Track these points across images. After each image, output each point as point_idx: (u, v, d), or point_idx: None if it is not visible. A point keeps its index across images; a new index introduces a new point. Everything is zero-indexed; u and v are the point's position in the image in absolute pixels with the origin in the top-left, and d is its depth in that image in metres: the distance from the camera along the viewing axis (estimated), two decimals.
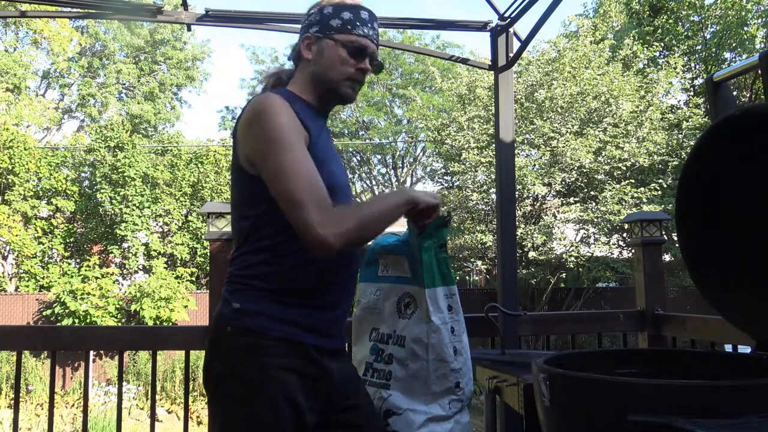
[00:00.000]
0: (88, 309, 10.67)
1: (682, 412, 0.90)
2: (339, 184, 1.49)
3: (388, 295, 1.85)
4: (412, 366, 1.72)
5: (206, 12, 3.00)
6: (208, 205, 2.68)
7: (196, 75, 22.27)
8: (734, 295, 1.39)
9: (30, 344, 2.88)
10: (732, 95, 1.58)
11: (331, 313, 1.48)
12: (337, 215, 1.34)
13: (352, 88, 1.54)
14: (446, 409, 1.70)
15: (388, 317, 1.82)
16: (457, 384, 1.71)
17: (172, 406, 10.16)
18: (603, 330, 2.99)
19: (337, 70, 1.51)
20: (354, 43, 1.50)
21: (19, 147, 12.27)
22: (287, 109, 1.41)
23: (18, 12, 3.42)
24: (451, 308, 1.75)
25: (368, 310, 1.87)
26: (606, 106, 10.61)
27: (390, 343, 1.78)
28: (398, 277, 1.83)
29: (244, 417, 1.39)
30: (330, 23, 1.51)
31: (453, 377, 1.71)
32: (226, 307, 1.45)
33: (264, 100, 1.42)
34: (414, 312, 1.76)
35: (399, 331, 1.77)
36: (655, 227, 2.86)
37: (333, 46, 1.51)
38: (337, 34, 1.50)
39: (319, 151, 1.45)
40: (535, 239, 10.33)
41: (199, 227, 12.70)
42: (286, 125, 1.38)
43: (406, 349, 1.73)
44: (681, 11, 14.40)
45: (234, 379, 1.41)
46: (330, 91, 1.54)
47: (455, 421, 1.71)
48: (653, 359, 1.43)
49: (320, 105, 1.56)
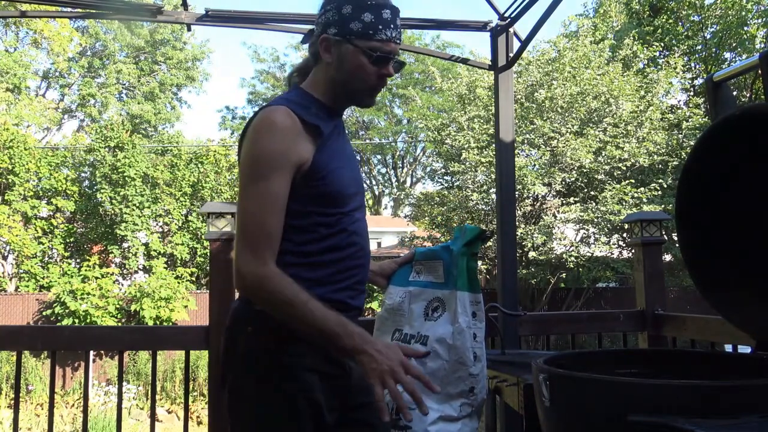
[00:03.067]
0: (88, 309, 10.68)
1: (682, 412, 0.90)
2: (347, 189, 1.47)
3: (416, 299, 1.87)
4: (430, 365, 1.74)
5: (206, 12, 3.00)
6: (208, 205, 2.67)
7: (196, 75, 22.30)
8: (734, 295, 1.39)
9: (30, 344, 2.88)
10: (732, 95, 1.58)
11: (348, 312, 1.46)
12: (271, 273, 1.34)
13: (373, 96, 1.52)
14: (457, 411, 1.72)
15: (414, 319, 1.85)
16: (471, 389, 1.73)
17: (172, 406, 10.17)
18: (603, 330, 2.99)
19: (360, 79, 1.46)
20: (376, 51, 1.43)
21: (19, 147, 12.27)
22: (283, 125, 1.37)
23: (18, 12, 3.42)
24: (475, 315, 1.77)
25: (393, 312, 1.89)
26: (606, 106, 10.61)
27: (412, 342, 1.81)
28: (431, 282, 1.86)
29: (263, 417, 1.39)
30: (350, 26, 1.42)
31: (469, 381, 1.72)
32: (246, 307, 1.44)
33: (266, 117, 1.39)
34: (441, 315, 1.79)
35: (423, 332, 1.80)
36: (655, 227, 2.86)
37: (354, 53, 1.44)
38: (358, 40, 1.43)
39: (328, 157, 1.43)
40: (535, 239, 10.33)
41: (199, 227, 12.70)
42: (274, 152, 1.36)
43: (428, 347, 1.75)
44: (681, 11, 14.40)
45: (254, 379, 1.41)
46: (351, 98, 1.52)
47: (463, 423, 1.72)
48: (653, 359, 1.43)
49: (336, 105, 1.53)
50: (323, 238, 1.44)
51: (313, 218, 1.43)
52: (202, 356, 9.17)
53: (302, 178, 1.40)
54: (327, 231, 1.45)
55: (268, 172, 1.35)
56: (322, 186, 1.42)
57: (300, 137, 1.39)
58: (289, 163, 1.37)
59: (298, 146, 1.38)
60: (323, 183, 1.42)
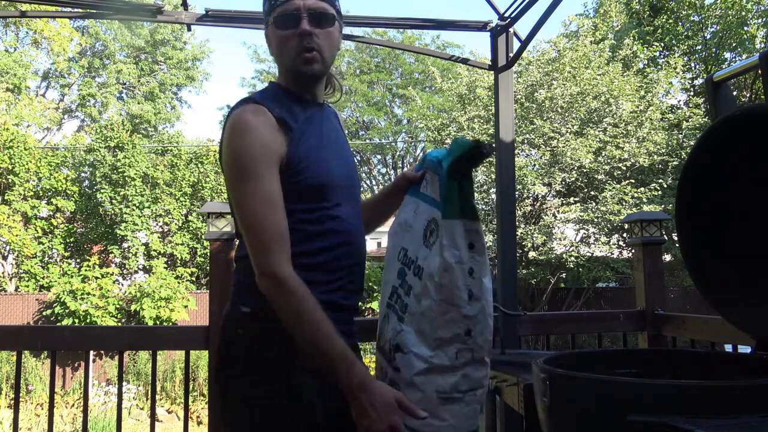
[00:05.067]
0: (88, 309, 10.67)
1: (682, 412, 0.90)
2: (332, 180, 1.44)
3: (420, 215, 1.59)
4: (423, 303, 1.49)
5: (206, 12, 3.00)
6: (208, 205, 2.67)
7: (196, 75, 22.29)
8: (734, 295, 1.39)
9: (30, 344, 2.88)
10: (732, 95, 1.58)
11: (341, 313, 1.46)
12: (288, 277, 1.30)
13: (307, 61, 1.42)
14: (452, 359, 1.46)
15: (416, 240, 1.58)
16: (468, 331, 1.46)
17: (172, 406, 10.17)
18: (603, 330, 2.99)
19: (284, 51, 1.44)
20: (279, 15, 1.42)
21: (19, 147, 12.27)
22: (256, 122, 1.35)
23: (18, 12, 3.42)
24: (472, 246, 1.47)
25: (403, 226, 1.64)
26: (606, 106, 10.61)
27: (411, 271, 1.56)
28: (432, 198, 1.56)
29: (256, 419, 1.38)
30: (264, 9, 1.48)
31: (464, 324, 1.46)
32: (235, 309, 1.43)
33: (235, 118, 1.37)
34: (435, 242, 1.50)
35: (420, 261, 1.54)
36: (655, 227, 2.86)
37: (272, 30, 1.45)
38: (270, 17, 1.45)
39: (305, 149, 1.40)
40: (535, 239, 10.33)
41: (199, 227, 12.70)
42: (251, 148, 1.33)
43: (422, 283, 1.50)
44: (681, 11, 14.39)
45: (246, 381, 1.40)
46: (295, 74, 1.46)
47: (463, 374, 1.46)
48: (653, 359, 1.43)
49: (304, 91, 1.49)
50: (311, 237, 1.41)
51: (296, 216, 1.39)
52: (202, 356, 9.18)
53: (282, 174, 1.37)
54: (314, 228, 1.41)
55: (255, 171, 1.33)
56: (303, 180, 1.39)
57: (274, 130, 1.37)
58: (273, 156, 1.35)
59: (276, 140, 1.36)
60: (303, 177, 1.39)
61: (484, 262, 1.49)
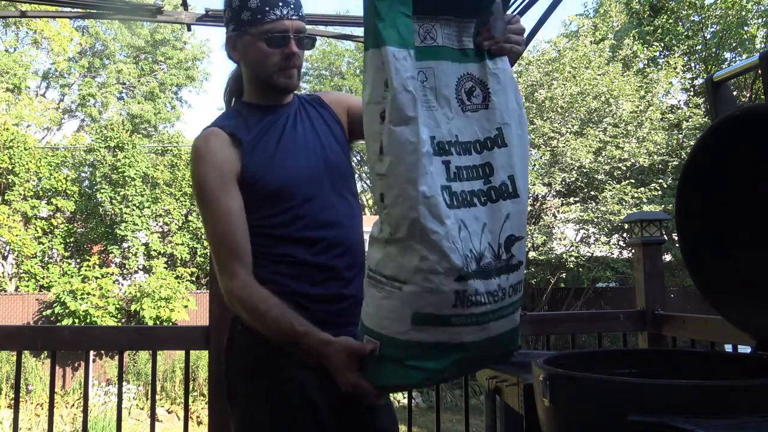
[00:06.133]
0: (88, 309, 10.67)
1: (682, 412, 0.90)
2: (297, 179, 1.45)
3: None
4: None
5: (206, 12, 3.01)
6: None
7: (196, 75, 22.29)
8: (734, 295, 1.39)
9: (30, 344, 2.88)
10: (732, 95, 1.58)
11: (337, 305, 1.45)
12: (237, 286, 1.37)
13: (287, 76, 1.46)
14: (377, 230, 1.18)
15: None
16: (381, 197, 1.14)
17: (172, 406, 10.16)
18: (603, 330, 2.99)
19: (264, 65, 1.45)
20: (269, 32, 1.41)
21: (19, 147, 12.27)
22: (206, 149, 1.42)
23: (18, 12, 3.42)
24: (387, 84, 1.10)
25: None
26: (606, 106, 10.62)
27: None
28: None
29: (260, 418, 1.39)
30: (241, 18, 1.43)
31: (378, 186, 1.15)
32: None
33: (194, 147, 1.46)
34: None
35: None
36: (655, 227, 2.86)
37: (251, 42, 1.44)
38: (251, 29, 1.42)
39: (258, 159, 1.43)
40: (535, 239, 10.33)
41: (199, 227, 12.69)
42: (205, 175, 1.41)
43: None
44: (681, 11, 14.40)
45: (249, 379, 1.42)
46: (271, 86, 1.48)
47: (386, 253, 1.17)
48: (653, 359, 1.43)
49: (268, 100, 1.52)
50: (280, 239, 1.43)
51: (266, 221, 1.43)
52: (202, 356, 9.17)
53: (242, 185, 1.42)
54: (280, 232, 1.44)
55: (214, 195, 1.41)
56: (260, 189, 1.42)
57: (228, 148, 1.43)
58: (227, 176, 1.41)
59: (230, 158, 1.42)
60: (261, 186, 1.42)
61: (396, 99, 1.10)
